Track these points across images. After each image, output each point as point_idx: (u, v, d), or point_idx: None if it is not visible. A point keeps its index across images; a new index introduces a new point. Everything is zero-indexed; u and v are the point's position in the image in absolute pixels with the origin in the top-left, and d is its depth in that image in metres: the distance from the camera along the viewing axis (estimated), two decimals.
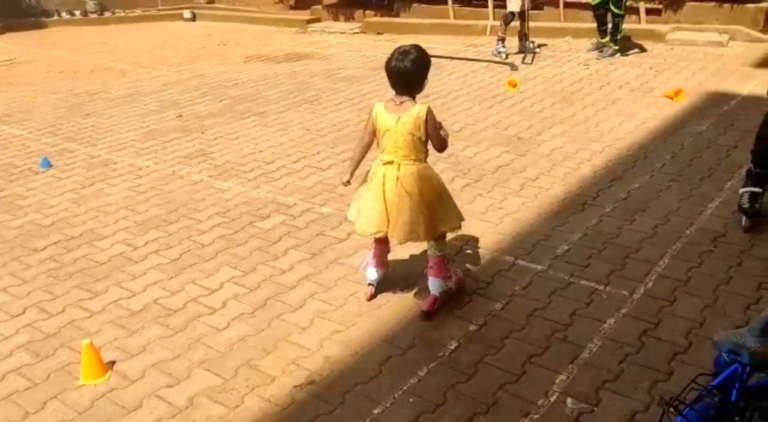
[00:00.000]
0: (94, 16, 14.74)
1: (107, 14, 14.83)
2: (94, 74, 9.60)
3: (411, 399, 2.90)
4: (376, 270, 3.62)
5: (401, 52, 3.20)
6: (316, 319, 3.50)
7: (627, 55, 8.68)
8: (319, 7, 13.11)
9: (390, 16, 12.02)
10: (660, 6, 9.72)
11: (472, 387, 2.95)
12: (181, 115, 7.28)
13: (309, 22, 12.63)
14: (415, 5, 10.33)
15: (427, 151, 3.33)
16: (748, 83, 7.13)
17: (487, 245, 4.15)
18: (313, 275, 3.93)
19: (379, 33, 11.43)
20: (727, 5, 9.31)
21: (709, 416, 2.11)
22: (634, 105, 6.69)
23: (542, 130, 6.09)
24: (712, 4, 9.41)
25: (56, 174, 5.75)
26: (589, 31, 9.50)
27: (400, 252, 3.92)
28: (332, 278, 3.88)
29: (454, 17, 11.23)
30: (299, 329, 3.43)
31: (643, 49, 8.87)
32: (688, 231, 4.17)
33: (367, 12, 12.30)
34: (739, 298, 3.45)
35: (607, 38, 8.62)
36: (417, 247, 3.86)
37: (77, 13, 14.73)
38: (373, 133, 3.36)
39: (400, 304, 3.58)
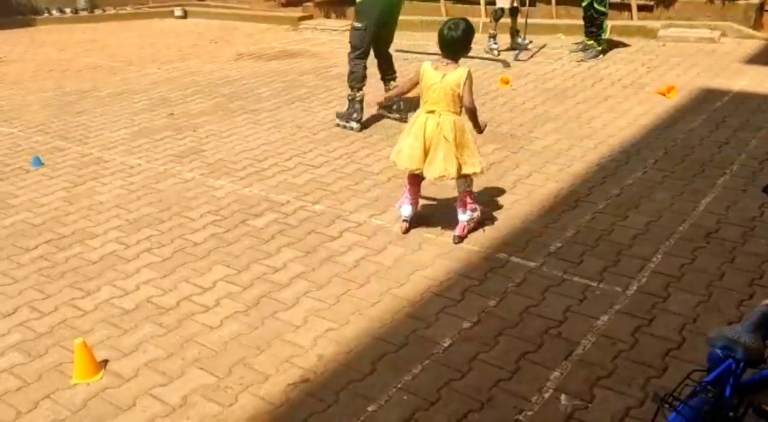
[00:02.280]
0: (85, 13, 14.62)
1: (98, 12, 14.73)
2: (84, 72, 9.53)
3: (405, 397, 2.90)
4: (410, 208, 4.26)
5: (453, 23, 3.91)
6: (309, 317, 3.49)
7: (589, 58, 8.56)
8: (310, 4, 13.05)
9: None
10: (652, 2, 9.74)
11: (466, 384, 2.95)
12: (172, 113, 7.24)
13: (301, 19, 12.58)
14: (406, 2, 10.32)
15: (461, 106, 3.95)
16: (740, 79, 7.16)
17: (480, 242, 4.15)
18: (306, 273, 3.92)
19: None
20: (718, 1, 9.34)
21: (703, 411, 2.11)
22: (627, 101, 6.70)
23: (535, 127, 6.10)
24: (704, 0, 9.44)
25: (47, 172, 5.71)
26: (581, 28, 9.50)
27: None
28: (325, 276, 3.87)
29: (446, 14, 11.22)
30: (293, 327, 3.42)
31: (625, 45, 8.78)
32: (680, 228, 4.18)
33: None
34: (732, 294, 3.47)
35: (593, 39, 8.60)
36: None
37: (67, 10, 14.62)
38: (416, 84, 4.03)
39: (392, 302, 3.58)
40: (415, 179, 4.17)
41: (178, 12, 14.30)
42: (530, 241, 4.12)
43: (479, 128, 4.15)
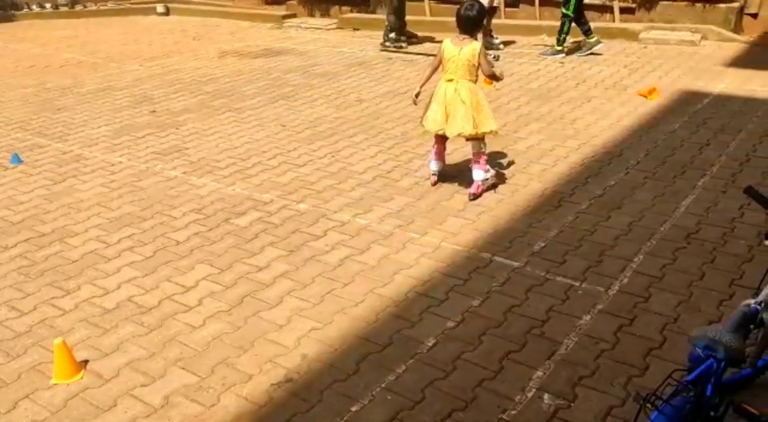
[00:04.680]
0: (66, 9, 14.46)
1: (78, 8, 14.56)
2: (64, 69, 9.42)
3: (389, 397, 2.89)
4: (437, 163, 4.90)
5: (469, 4, 4.53)
6: (293, 317, 3.48)
7: (582, 55, 8.68)
8: (294, 2, 13.01)
9: (366, 12, 11.98)
10: (634, 5, 9.83)
11: (450, 383, 2.96)
12: (155, 111, 7.18)
13: (285, 17, 12.53)
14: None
15: (477, 75, 4.59)
16: (720, 82, 7.25)
17: (464, 242, 4.16)
18: (289, 272, 3.90)
19: (355, 29, 11.39)
20: (699, 5, 9.44)
21: (684, 411, 2.13)
22: (609, 103, 6.76)
23: (519, 128, 6.12)
24: (685, 3, 9.54)
25: (26, 170, 5.63)
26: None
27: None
28: (309, 275, 3.86)
29: (431, 14, 11.24)
30: (276, 327, 3.40)
31: (597, 54, 8.79)
32: (662, 228, 4.22)
33: (343, 8, 12.25)
34: (713, 294, 3.51)
35: (593, 37, 8.68)
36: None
37: (48, 6, 14.44)
38: (440, 61, 4.62)
39: (376, 302, 3.57)
40: (441, 138, 4.78)
41: (160, 8, 14.18)
42: (514, 241, 4.14)
43: (498, 79, 4.84)
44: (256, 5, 13.81)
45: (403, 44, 9.73)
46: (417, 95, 4.76)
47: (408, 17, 9.98)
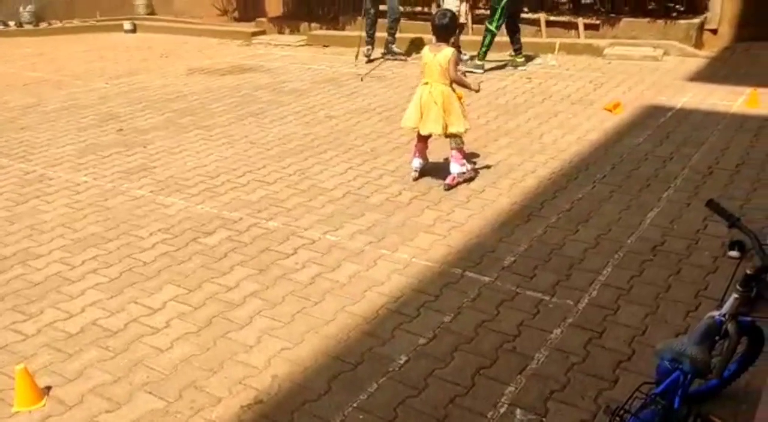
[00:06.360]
0: (30, 26, 14.26)
1: (43, 25, 14.37)
2: (28, 87, 9.26)
3: (361, 416, 2.87)
4: (419, 160, 5.29)
5: (441, 13, 5.03)
6: (263, 337, 3.43)
7: (510, 70, 8.91)
8: (263, 19, 13.01)
9: (335, 29, 12.03)
10: (598, 21, 10.03)
11: (422, 401, 2.94)
12: (121, 129, 7.09)
13: (254, 34, 12.52)
14: (360, 18, 10.40)
15: (451, 80, 4.93)
16: (682, 96, 7.41)
17: (435, 258, 4.16)
18: (259, 292, 3.85)
19: (325, 46, 11.42)
20: (660, 21, 9.68)
21: None
22: (576, 117, 6.86)
23: (487, 143, 6.18)
24: (647, 20, 9.77)
25: None
26: (529, 45, 9.72)
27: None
28: (279, 294, 3.82)
29: (401, 31, 11.31)
30: (246, 347, 3.35)
31: (528, 77, 8.84)
32: (628, 241, 4.28)
33: (313, 25, 12.28)
34: (679, 305, 3.56)
35: (522, 58, 8.92)
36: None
37: (11, 23, 14.23)
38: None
39: (347, 320, 3.55)
40: (422, 137, 5.18)
41: (127, 26, 14.07)
42: (484, 256, 4.16)
43: (473, 89, 5.25)
44: (224, 22, 13.79)
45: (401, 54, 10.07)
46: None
47: (378, 34, 10.02)
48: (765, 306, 2.32)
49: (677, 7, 10.04)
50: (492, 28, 8.60)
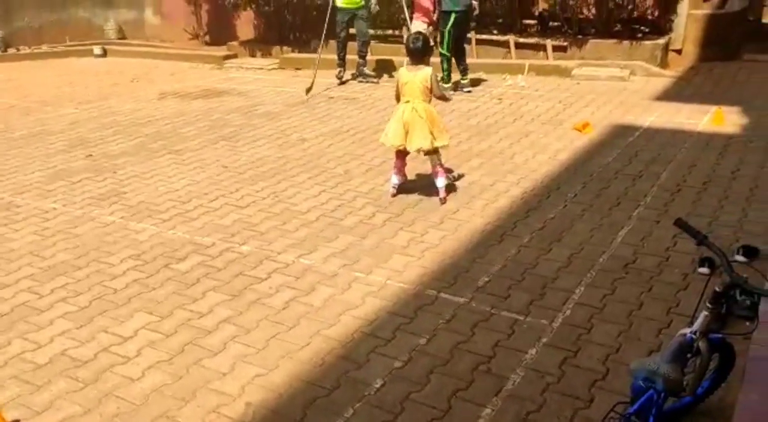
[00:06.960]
0: None
1: (11, 51, 14.19)
2: None
3: None
4: (397, 177, 5.45)
5: (414, 37, 5.24)
6: (237, 363, 3.38)
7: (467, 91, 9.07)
8: (235, 43, 13.02)
9: (308, 52, 12.07)
10: (565, 43, 10.22)
11: None
12: (91, 155, 7.00)
13: (225, 58, 12.51)
14: (332, 41, 10.46)
15: (430, 97, 5.18)
16: (649, 115, 7.56)
17: (409, 279, 4.15)
18: (233, 317, 3.81)
19: (297, 69, 11.45)
20: (626, 42, 9.89)
21: None
22: (546, 137, 6.95)
23: (460, 164, 6.22)
24: (613, 41, 9.98)
25: None
26: (499, 67, 9.87)
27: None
28: (253, 319, 3.78)
29: (372, 53, 11.40)
30: (219, 375, 3.30)
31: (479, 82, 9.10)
32: (601, 260, 4.32)
33: (285, 48, 12.32)
34: (652, 323, 3.59)
35: (467, 79, 9.13)
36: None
37: None
38: (398, 88, 5.23)
39: (322, 344, 3.52)
40: (401, 154, 5.33)
41: (97, 50, 13.96)
42: (459, 277, 4.16)
43: (446, 100, 5.81)
44: (196, 46, 13.76)
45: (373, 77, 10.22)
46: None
47: (348, 57, 10.09)
48: (735, 322, 2.36)
49: (642, 28, 10.29)
50: (444, 51, 8.88)
